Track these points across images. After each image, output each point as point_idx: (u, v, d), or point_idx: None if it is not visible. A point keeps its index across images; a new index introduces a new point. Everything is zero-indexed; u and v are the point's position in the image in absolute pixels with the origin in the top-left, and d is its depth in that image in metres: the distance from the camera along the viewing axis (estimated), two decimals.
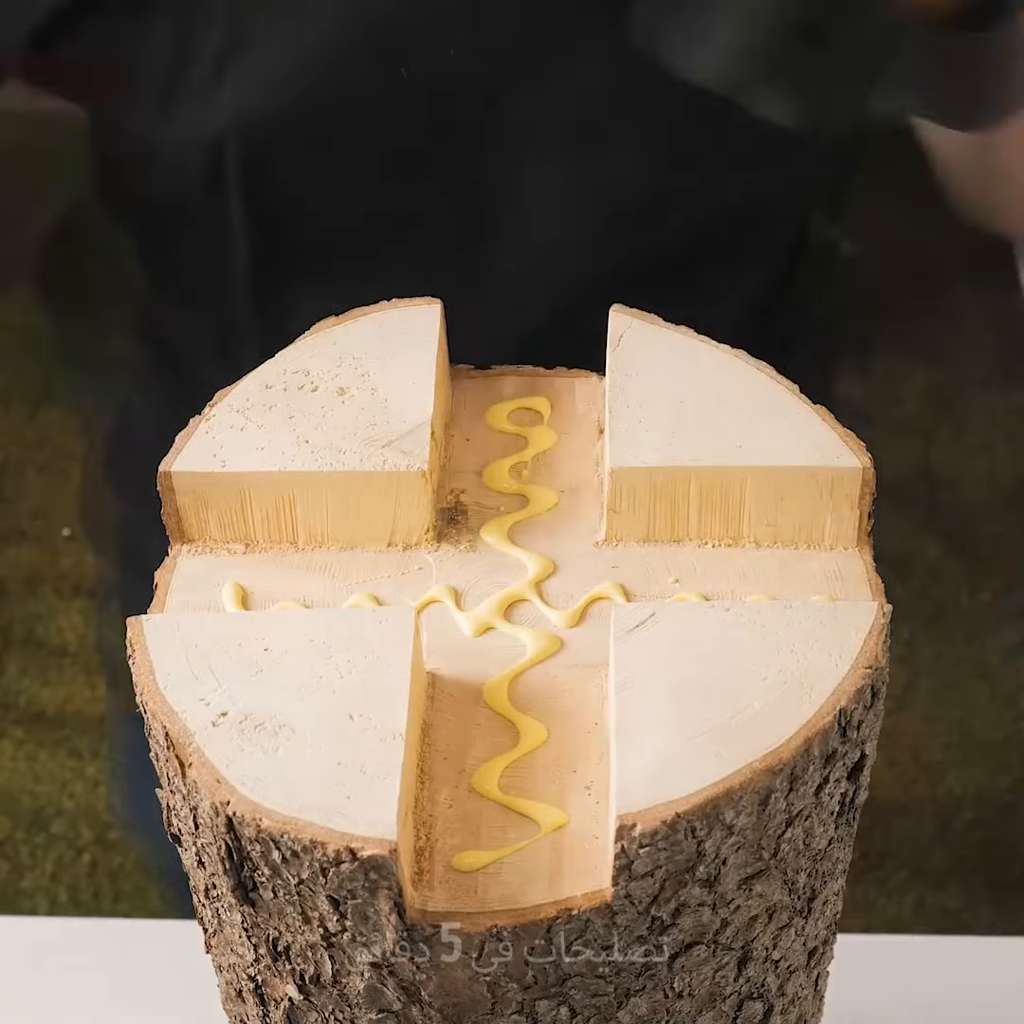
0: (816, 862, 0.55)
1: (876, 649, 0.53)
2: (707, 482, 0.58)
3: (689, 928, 0.52)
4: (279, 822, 0.49)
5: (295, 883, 0.50)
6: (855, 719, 0.52)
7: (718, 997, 0.55)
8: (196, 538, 0.59)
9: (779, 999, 0.59)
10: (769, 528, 0.59)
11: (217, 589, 0.58)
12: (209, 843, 0.52)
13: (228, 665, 0.53)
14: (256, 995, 0.57)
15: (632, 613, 0.54)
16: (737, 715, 0.51)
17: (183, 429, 0.60)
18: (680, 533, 0.59)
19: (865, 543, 0.58)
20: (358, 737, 0.51)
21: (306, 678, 0.53)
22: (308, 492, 0.58)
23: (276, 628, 0.54)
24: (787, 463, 0.58)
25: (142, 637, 0.54)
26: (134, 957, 1.03)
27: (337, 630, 0.54)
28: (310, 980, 0.53)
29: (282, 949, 0.53)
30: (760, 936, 0.55)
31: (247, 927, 0.54)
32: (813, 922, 0.58)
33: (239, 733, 0.51)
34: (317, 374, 0.61)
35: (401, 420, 0.59)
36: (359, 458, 0.58)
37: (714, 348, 0.62)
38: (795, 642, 0.53)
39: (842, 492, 0.58)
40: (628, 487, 0.58)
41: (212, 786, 0.50)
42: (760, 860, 0.52)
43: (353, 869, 0.48)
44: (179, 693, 0.52)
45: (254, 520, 0.59)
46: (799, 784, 0.51)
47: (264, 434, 0.59)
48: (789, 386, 0.60)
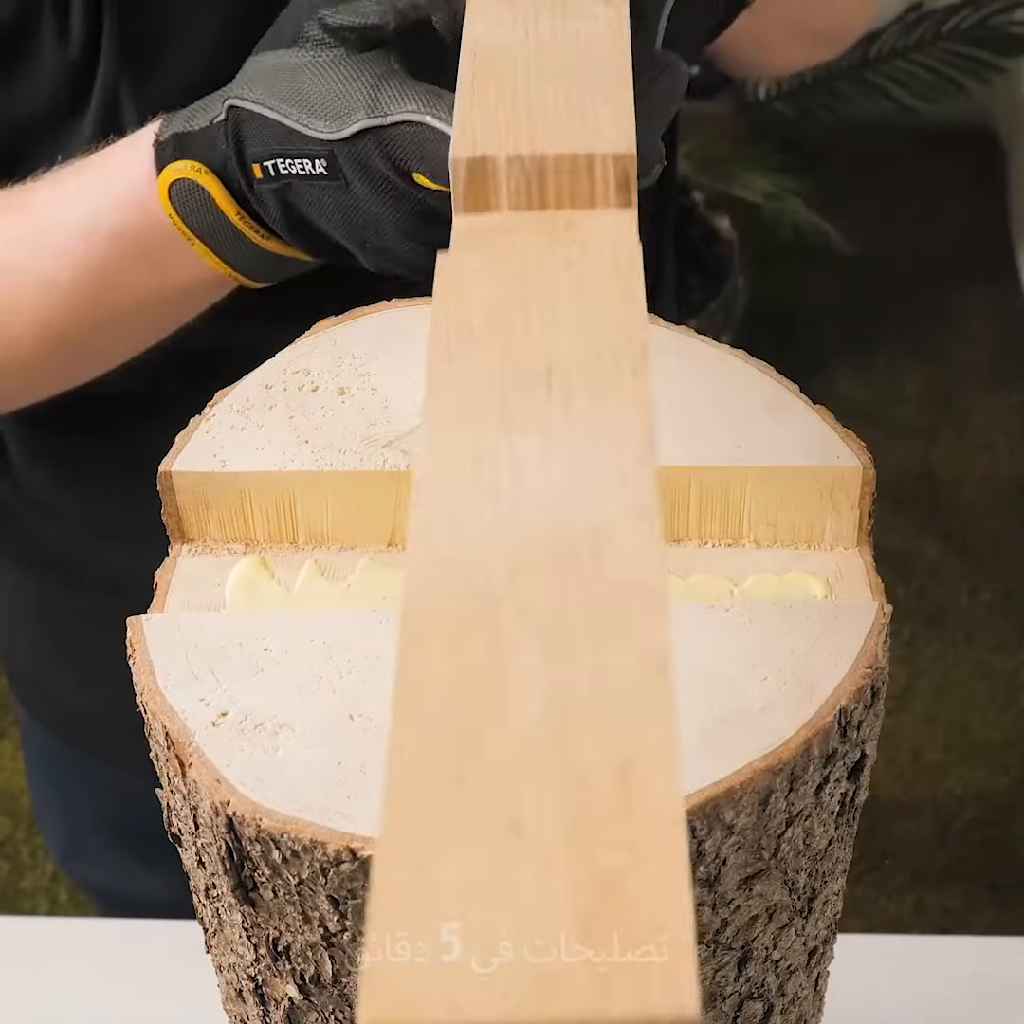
0: (816, 862, 0.55)
1: (876, 649, 0.53)
2: (707, 482, 0.58)
3: None
4: (279, 822, 0.49)
5: (295, 883, 0.50)
6: (855, 719, 0.52)
7: (718, 997, 0.55)
8: (196, 538, 0.59)
9: (779, 999, 0.59)
10: (769, 528, 0.59)
11: (217, 589, 0.58)
12: (209, 843, 0.52)
13: (228, 665, 0.53)
14: (256, 995, 0.57)
15: None
16: (737, 715, 0.51)
17: (183, 429, 0.60)
18: (680, 533, 0.59)
19: (865, 543, 0.58)
20: (358, 737, 0.51)
21: (306, 678, 0.53)
22: (308, 492, 0.58)
23: (276, 628, 0.54)
24: (787, 463, 0.58)
25: (142, 637, 0.54)
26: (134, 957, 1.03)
27: (337, 630, 0.54)
28: (310, 980, 0.53)
29: (282, 949, 0.53)
30: (760, 936, 0.55)
31: (247, 927, 0.54)
32: (813, 922, 0.58)
33: (239, 733, 0.51)
34: (317, 374, 0.61)
35: (401, 420, 0.59)
36: (359, 458, 0.58)
37: (714, 348, 0.62)
38: (795, 642, 0.53)
39: (842, 492, 0.58)
40: None
41: (212, 786, 0.50)
42: (760, 860, 0.52)
43: (353, 869, 0.48)
44: (179, 693, 0.52)
45: (254, 520, 0.59)
46: (799, 784, 0.51)
47: (264, 434, 0.59)
48: (789, 386, 0.60)
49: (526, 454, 0.40)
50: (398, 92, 0.63)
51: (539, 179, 0.51)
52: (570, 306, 0.46)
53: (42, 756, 1.24)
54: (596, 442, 0.41)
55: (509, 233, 0.50)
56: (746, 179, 2.49)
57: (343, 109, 0.64)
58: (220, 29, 0.80)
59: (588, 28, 0.58)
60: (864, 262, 2.68)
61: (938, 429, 2.59)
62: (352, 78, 0.64)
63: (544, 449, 0.40)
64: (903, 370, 2.68)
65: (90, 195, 0.74)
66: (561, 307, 0.46)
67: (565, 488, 0.39)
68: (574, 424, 0.41)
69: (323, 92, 0.64)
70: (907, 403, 2.63)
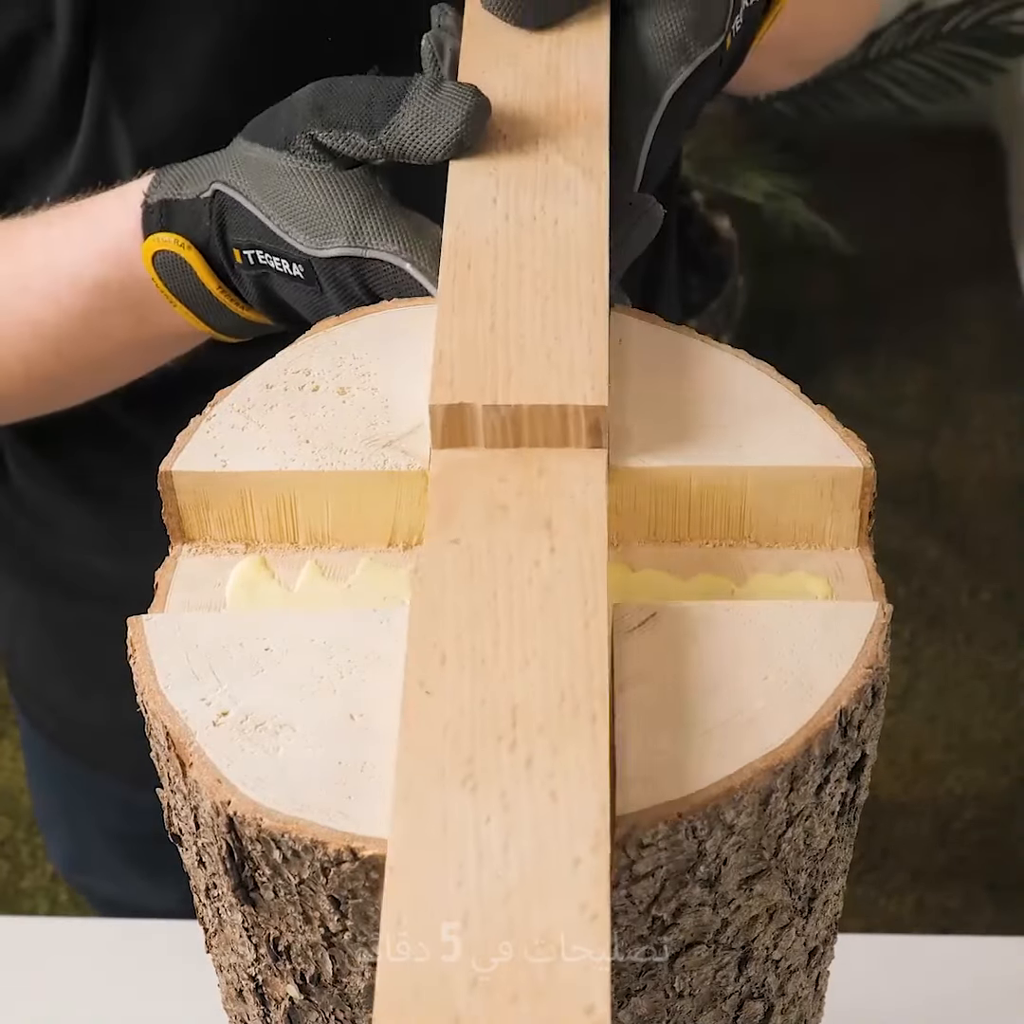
0: (817, 862, 0.55)
1: (877, 649, 0.53)
2: (707, 482, 0.58)
3: (690, 928, 0.52)
4: (280, 822, 0.49)
5: (296, 883, 0.50)
6: (856, 719, 0.52)
7: (718, 997, 0.55)
8: (196, 538, 0.59)
9: (779, 999, 0.59)
10: (769, 528, 0.59)
11: (218, 589, 0.58)
12: (210, 843, 0.52)
13: (229, 665, 0.53)
14: (257, 995, 0.57)
15: (632, 613, 0.54)
16: (737, 715, 0.51)
17: (183, 429, 0.60)
18: (680, 533, 0.59)
19: (866, 543, 0.58)
20: (358, 737, 0.51)
21: (307, 678, 0.53)
22: (309, 492, 0.58)
23: (277, 628, 0.54)
24: (787, 463, 0.58)
25: (142, 637, 0.54)
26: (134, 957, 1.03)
27: (337, 630, 0.54)
28: (311, 980, 0.53)
29: (283, 949, 0.53)
30: (760, 936, 0.55)
31: (248, 927, 0.54)
32: (814, 922, 0.58)
33: (240, 733, 0.51)
34: (318, 374, 0.61)
35: (402, 420, 0.59)
36: (360, 458, 0.58)
37: (714, 348, 0.62)
38: (795, 642, 0.53)
39: (842, 492, 0.57)
40: (628, 487, 0.58)
41: (213, 786, 0.50)
42: (761, 860, 0.52)
43: (354, 869, 0.48)
44: (179, 693, 0.52)
45: (255, 520, 0.59)
46: (800, 784, 0.51)
47: (265, 434, 0.59)
48: (790, 386, 0.60)
49: (489, 834, 0.45)
50: (381, 225, 0.65)
51: (514, 423, 0.55)
52: (538, 622, 0.50)
53: (44, 766, 1.23)
54: (554, 819, 0.45)
55: (485, 470, 0.55)
56: (746, 179, 2.49)
57: (324, 229, 0.65)
58: (213, 56, 0.79)
59: (568, 215, 0.62)
60: (864, 262, 2.68)
61: (938, 429, 2.60)
62: (337, 198, 0.65)
63: (506, 825, 0.45)
64: (903, 370, 2.68)
65: (77, 244, 0.75)
66: (529, 624, 0.50)
67: (521, 880, 0.44)
68: (535, 793, 0.46)
69: (307, 205, 0.65)
70: (907, 403, 2.63)
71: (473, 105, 0.63)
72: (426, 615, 0.51)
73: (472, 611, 0.51)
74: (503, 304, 0.58)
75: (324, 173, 0.65)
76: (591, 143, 0.64)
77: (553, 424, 0.55)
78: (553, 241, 0.60)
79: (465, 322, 0.58)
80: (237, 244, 0.68)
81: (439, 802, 0.46)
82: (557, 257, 0.60)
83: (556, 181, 0.63)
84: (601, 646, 0.50)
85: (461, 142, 0.63)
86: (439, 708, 0.48)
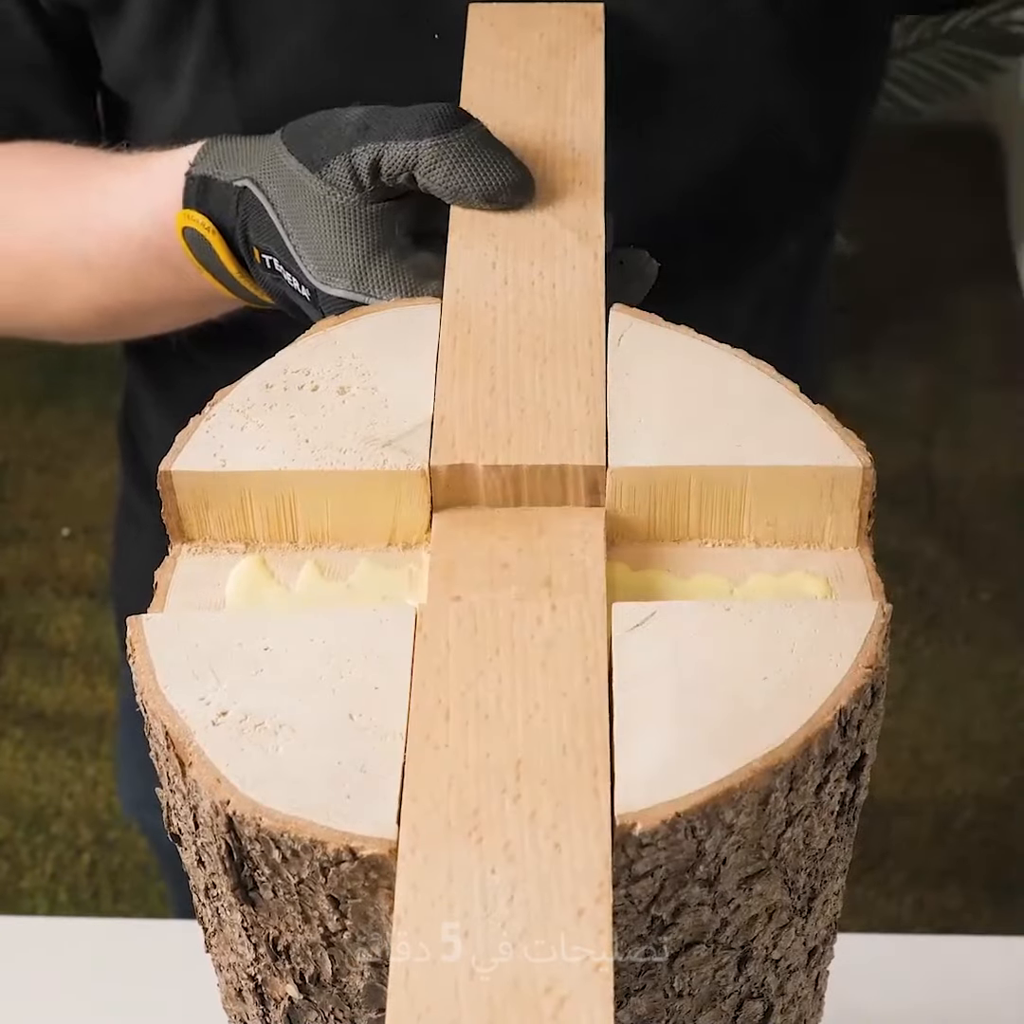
0: (816, 862, 0.55)
1: (876, 649, 0.53)
2: (707, 482, 0.58)
3: (689, 927, 0.52)
4: (279, 821, 0.49)
5: (295, 882, 0.50)
6: (855, 719, 0.52)
7: (718, 996, 0.55)
8: (196, 538, 0.59)
9: (779, 999, 0.59)
10: (769, 528, 0.59)
11: (217, 588, 0.58)
12: (209, 842, 0.52)
13: (228, 664, 0.53)
14: (256, 994, 0.57)
15: (632, 613, 0.54)
16: (737, 715, 0.51)
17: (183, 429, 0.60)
18: (680, 533, 0.59)
19: (865, 543, 0.58)
20: (358, 737, 0.51)
21: (306, 678, 0.53)
22: (308, 491, 0.58)
23: (276, 628, 0.54)
24: (787, 463, 0.58)
25: (142, 636, 0.54)
26: (134, 957, 1.03)
27: (337, 630, 0.54)
28: (310, 979, 0.53)
29: (282, 948, 0.53)
30: (760, 935, 0.55)
31: (247, 926, 0.54)
32: (813, 922, 0.58)
33: (239, 732, 0.51)
34: (317, 373, 0.61)
35: (401, 419, 0.59)
36: (359, 457, 0.58)
37: (714, 348, 0.62)
38: (795, 642, 0.53)
39: (842, 492, 0.58)
40: (628, 487, 0.58)
41: (212, 785, 0.50)
42: (760, 860, 0.52)
43: (353, 868, 0.48)
44: (179, 692, 0.52)
45: (254, 519, 0.59)
46: (799, 784, 0.51)
47: (264, 433, 0.59)
48: (789, 386, 0.60)
49: (495, 884, 0.46)
50: (386, 275, 0.67)
51: (514, 483, 0.57)
52: (540, 677, 0.51)
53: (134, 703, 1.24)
54: (558, 870, 0.46)
55: (486, 528, 0.56)
56: None
57: (332, 267, 0.67)
58: (325, 39, 0.81)
59: (565, 280, 0.64)
60: (864, 262, 2.68)
61: (938, 429, 2.59)
62: (349, 241, 0.67)
63: (511, 876, 0.46)
64: (903, 370, 2.68)
65: (131, 200, 0.79)
66: (531, 679, 0.51)
67: (526, 930, 0.45)
68: (539, 844, 0.47)
69: (321, 239, 0.67)
70: (907, 403, 2.63)
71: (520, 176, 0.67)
72: (430, 671, 0.51)
73: (476, 667, 0.51)
74: (503, 367, 0.60)
75: (346, 208, 0.67)
76: (587, 207, 0.66)
77: (553, 483, 0.57)
78: (551, 305, 0.62)
79: (466, 384, 0.59)
80: (258, 245, 0.70)
81: (445, 853, 0.47)
82: (555, 321, 0.61)
83: (553, 246, 0.65)
84: (602, 701, 0.51)
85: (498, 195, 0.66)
86: (444, 761, 0.49)
